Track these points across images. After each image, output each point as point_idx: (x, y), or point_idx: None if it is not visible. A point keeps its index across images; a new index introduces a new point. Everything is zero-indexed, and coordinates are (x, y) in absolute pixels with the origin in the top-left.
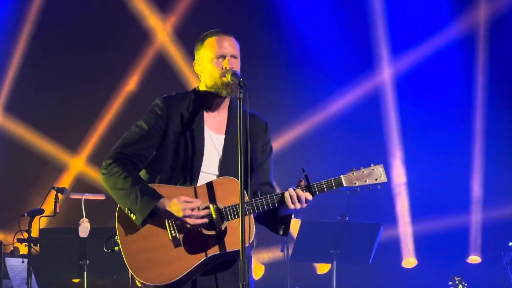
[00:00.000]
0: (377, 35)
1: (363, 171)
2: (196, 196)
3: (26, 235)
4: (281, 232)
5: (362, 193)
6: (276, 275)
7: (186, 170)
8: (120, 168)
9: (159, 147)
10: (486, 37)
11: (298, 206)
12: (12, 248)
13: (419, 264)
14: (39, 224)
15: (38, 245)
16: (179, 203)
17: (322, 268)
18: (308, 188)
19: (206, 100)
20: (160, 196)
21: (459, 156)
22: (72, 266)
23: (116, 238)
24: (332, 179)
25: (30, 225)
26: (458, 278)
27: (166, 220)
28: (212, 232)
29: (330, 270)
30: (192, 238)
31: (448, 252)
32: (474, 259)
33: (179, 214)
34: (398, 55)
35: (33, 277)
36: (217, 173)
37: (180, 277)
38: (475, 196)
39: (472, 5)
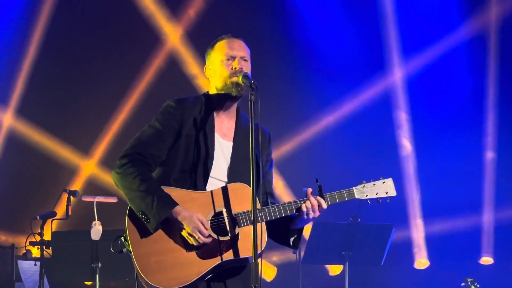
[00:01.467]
0: (388, 37)
1: (374, 184)
2: (206, 202)
3: (38, 238)
4: (292, 244)
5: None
6: (288, 276)
7: (195, 174)
8: (135, 169)
9: (171, 148)
10: (497, 38)
11: (317, 214)
12: (25, 251)
13: (431, 265)
14: (51, 227)
15: (51, 248)
16: (194, 220)
17: (334, 269)
18: (324, 199)
19: (216, 105)
20: (175, 204)
21: (471, 157)
22: (85, 268)
23: (122, 239)
24: (344, 190)
25: (42, 228)
26: (470, 279)
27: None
28: (225, 238)
29: (342, 272)
30: (205, 243)
31: (460, 253)
32: (486, 260)
33: (187, 229)
34: (409, 57)
35: (45, 279)
36: (225, 179)
37: (191, 281)
38: (487, 197)
39: (483, 6)
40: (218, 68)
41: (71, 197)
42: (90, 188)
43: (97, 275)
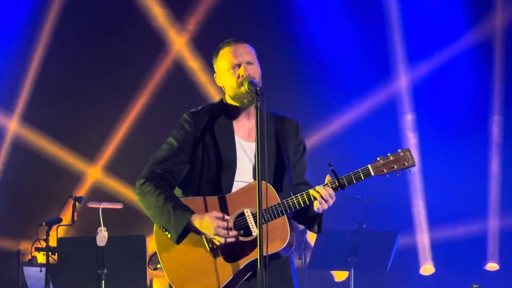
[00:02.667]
0: (394, 43)
1: (390, 158)
2: (227, 205)
3: (44, 244)
4: (315, 230)
5: (380, 200)
6: None
7: (220, 182)
8: (152, 187)
9: (191, 161)
10: (502, 44)
11: (325, 206)
12: (30, 257)
13: (436, 271)
14: (57, 233)
15: (56, 254)
16: (211, 220)
17: (340, 275)
18: (337, 182)
19: (234, 110)
20: (191, 212)
21: (476, 163)
22: (90, 275)
23: (157, 255)
24: (359, 169)
25: (48, 234)
26: (476, 286)
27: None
28: (249, 238)
29: (348, 278)
30: (230, 247)
31: (466, 259)
32: (492, 266)
33: (210, 232)
34: (415, 64)
35: (51, 286)
36: (251, 180)
37: (221, 286)
38: (493, 203)
39: (488, 13)
40: (226, 78)
41: (77, 203)
42: (96, 194)
43: (103, 282)
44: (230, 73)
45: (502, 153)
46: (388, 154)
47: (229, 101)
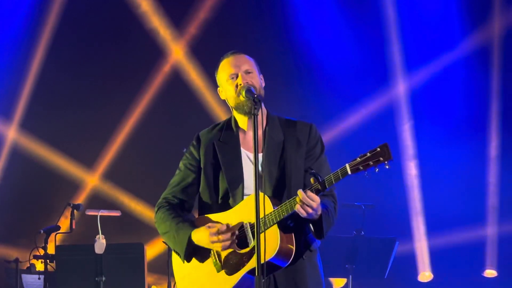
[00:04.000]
0: (392, 50)
1: (367, 155)
2: (230, 220)
3: (42, 252)
4: (315, 236)
5: (378, 207)
6: None
7: (231, 196)
8: (162, 213)
9: (201, 182)
10: (500, 50)
11: (308, 210)
12: (29, 265)
13: (435, 278)
14: (55, 240)
15: (54, 261)
16: (205, 230)
17: (338, 282)
18: (319, 184)
19: (240, 123)
20: (191, 229)
21: (474, 170)
22: (88, 282)
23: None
24: (338, 169)
25: (46, 242)
26: None
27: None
28: (246, 250)
29: (346, 285)
30: (231, 260)
31: (464, 266)
32: (490, 273)
33: (207, 242)
34: (413, 70)
35: None
36: (262, 192)
37: None
38: (491, 210)
39: (486, 19)
40: (226, 89)
41: (75, 211)
42: (94, 202)
43: None
44: (229, 83)
45: (501, 159)
46: (367, 152)
47: (235, 114)
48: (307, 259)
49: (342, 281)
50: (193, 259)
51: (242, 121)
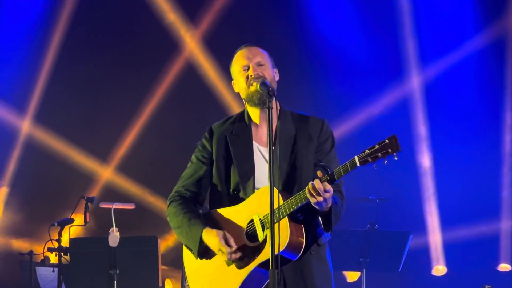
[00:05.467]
0: (406, 43)
1: (376, 147)
2: (240, 213)
3: (56, 245)
4: (326, 229)
5: (392, 200)
6: None
7: (242, 190)
8: (174, 208)
9: (213, 175)
10: None
11: (319, 199)
12: (43, 257)
13: (449, 272)
14: (69, 233)
15: (68, 254)
16: (216, 237)
17: (352, 276)
18: (328, 176)
19: (253, 116)
20: (203, 227)
21: (488, 163)
22: (102, 275)
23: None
24: (347, 161)
25: (60, 235)
26: (488, 286)
27: None
28: (255, 244)
29: (360, 278)
30: (241, 254)
31: (478, 260)
32: (504, 267)
33: (216, 249)
34: (427, 63)
35: (63, 286)
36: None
37: None
38: (505, 203)
39: (500, 12)
40: (238, 81)
41: (89, 203)
42: (108, 195)
43: (115, 282)
44: (241, 75)
45: None
46: (376, 144)
47: (248, 108)
48: (315, 253)
49: (355, 274)
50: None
51: (255, 114)
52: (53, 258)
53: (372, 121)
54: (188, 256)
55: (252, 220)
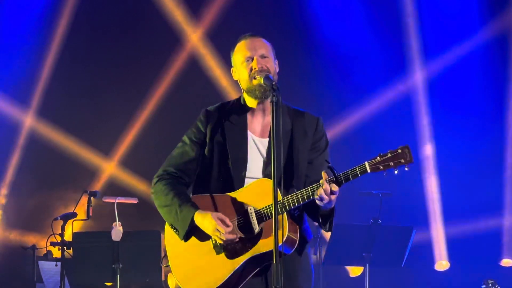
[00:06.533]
0: (410, 38)
1: (388, 155)
2: (233, 203)
3: (59, 239)
4: (326, 228)
5: (395, 195)
6: None
7: (231, 179)
8: (163, 186)
9: (204, 159)
10: None
11: (327, 199)
12: (46, 252)
13: (452, 267)
14: (72, 227)
15: (71, 248)
16: (212, 219)
17: (355, 271)
18: (335, 179)
19: (250, 106)
20: (196, 209)
21: (492, 158)
22: (105, 269)
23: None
24: (356, 166)
25: (63, 229)
26: (491, 281)
27: None
28: (250, 235)
29: (363, 273)
30: (232, 243)
31: (481, 255)
32: (507, 262)
33: (210, 231)
34: (431, 58)
35: (66, 280)
36: (261, 176)
37: (220, 284)
38: (508, 198)
39: (504, 7)
40: (240, 71)
41: (92, 198)
42: (111, 189)
43: (118, 276)
44: (243, 66)
45: None
46: (388, 152)
47: (245, 96)
48: (300, 249)
49: (358, 269)
50: (191, 237)
51: (251, 102)
52: (56, 252)
53: (375, 116)
54: (171, 238)
55: (244, 211)
